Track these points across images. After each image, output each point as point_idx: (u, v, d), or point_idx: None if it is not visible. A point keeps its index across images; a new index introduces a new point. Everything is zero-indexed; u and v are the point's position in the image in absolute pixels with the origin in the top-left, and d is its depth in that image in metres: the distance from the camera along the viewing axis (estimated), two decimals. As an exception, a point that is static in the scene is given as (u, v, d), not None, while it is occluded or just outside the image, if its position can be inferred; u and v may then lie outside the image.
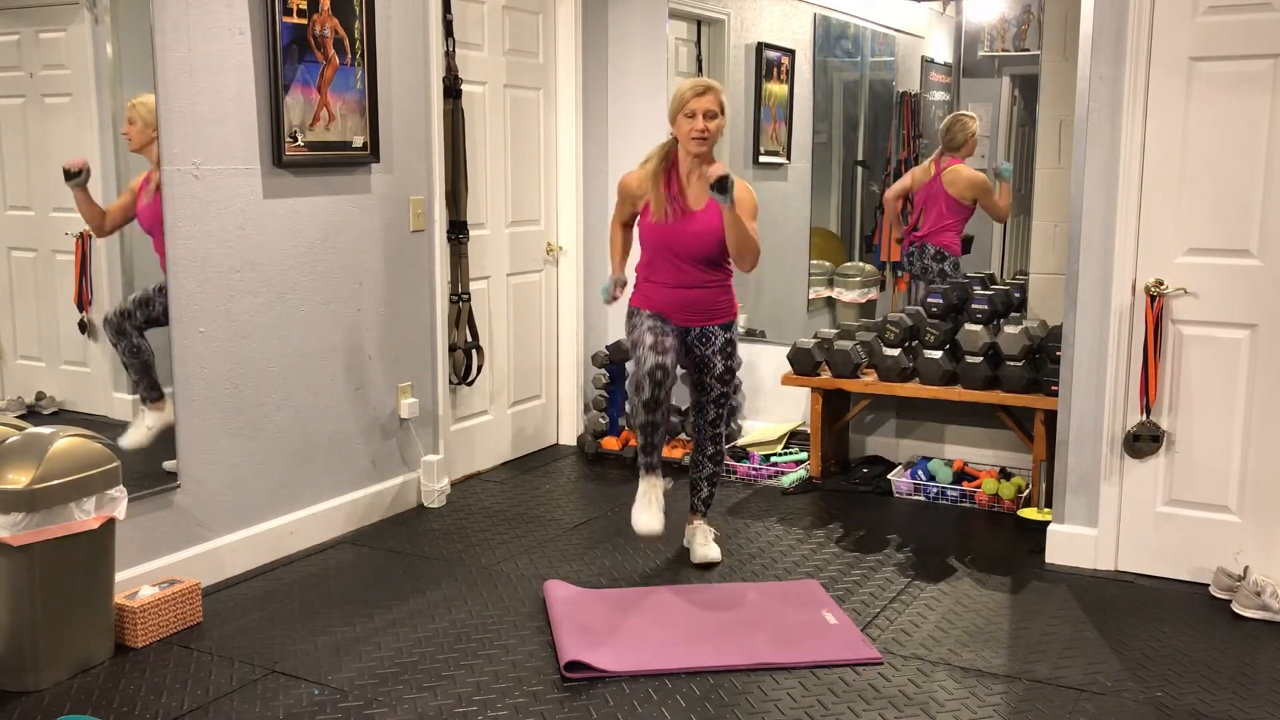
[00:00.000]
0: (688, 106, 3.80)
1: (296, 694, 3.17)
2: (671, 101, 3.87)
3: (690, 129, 3.80)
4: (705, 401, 4.10)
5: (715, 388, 4.06)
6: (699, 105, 3.79)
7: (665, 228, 3.91)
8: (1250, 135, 3.78)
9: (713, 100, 3.80)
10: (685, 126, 3.82)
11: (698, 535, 4.22)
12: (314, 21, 4.08)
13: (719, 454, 4.19)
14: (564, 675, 3.27)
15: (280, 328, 4.13)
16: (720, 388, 4.06)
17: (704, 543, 4.19)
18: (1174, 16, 3.82)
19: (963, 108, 5.76)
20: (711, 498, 4.27)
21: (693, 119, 3.80)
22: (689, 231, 3.88)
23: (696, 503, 4.25)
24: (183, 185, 3.75)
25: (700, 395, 4.10)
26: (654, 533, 3.88)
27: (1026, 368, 4.66)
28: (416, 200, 4.67)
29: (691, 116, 3.80)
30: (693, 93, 3.80)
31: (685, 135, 3.83)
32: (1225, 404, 3.91)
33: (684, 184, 3.91)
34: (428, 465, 4.82)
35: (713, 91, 3.82)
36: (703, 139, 3.80)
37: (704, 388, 4.08)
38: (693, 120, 3.80)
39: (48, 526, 3.14)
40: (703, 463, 4.20)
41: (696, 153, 3.84)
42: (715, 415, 4.12)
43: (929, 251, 5.54)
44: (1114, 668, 3.37)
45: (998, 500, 4.80)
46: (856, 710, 3.10)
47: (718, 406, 4.10)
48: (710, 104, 3.80)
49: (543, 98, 5.54)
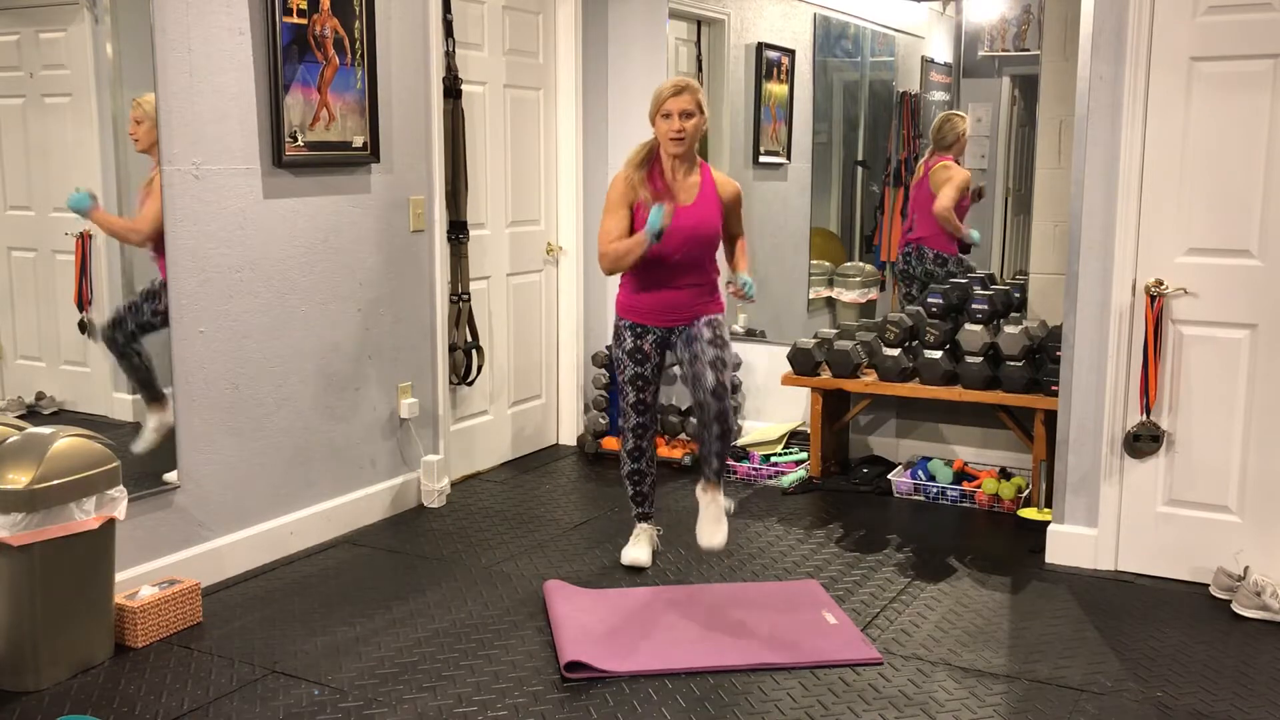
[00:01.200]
0: (664, 106, 3.81)
1: (296, 694, 3.17)
2: (650, 102, 3.88)
3: (667, 129, 3.82)
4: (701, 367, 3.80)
5: (708, 350, 3.80)
6: (675, 105, 3.79)
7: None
8: (1250, 135, 3.78)
9: (689, 100, 3.80)
10: (663, 127, 3.83)
11: (710, 509, 3.90)
12: (314, 21, 4.08)
13: (726, 431, 3.85)
14: (564, 675, 3.27)
15: (280, 328, 4.13)
16: (714, 351, 3.81)
17: (715, 519, 3.88)
18: (1174, 16, 3.82)
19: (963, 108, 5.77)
20: (723, 466, 3.92)
21: (669, 119, 3.81)
22: (679, 228, 3.86)
23: (708, 471, 3.92)
24: (183, 185, 3.75)
25: (694, 365, 3.84)
26: (638, 564, 4.11)
27: (1026, 368, 4.66)
28: (416, 200, 4.67)
29: (668, 117, 3.81)
30: (670, 92, 3.81)
31: (663, 135, 3.85)
32: (1225, 404, 3.91)
33: (669, 182, 3.90)
34: (428, 465, 4.82)
35: (689, 91, 3.82)
36: (680, 139, 3.81)
37: (696, 357, 3.83)
38: (669, 120, 3.81)
39: (48, 526, 3.14)
40: (709, 440, 3.86)
41: (674, 153, 3.85)
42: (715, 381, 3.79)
43: (928, 256, 5.53)
44: (1114, 668, 3.37)
45: (998, 500, 4.80)
46: (856, 710, 3.10)
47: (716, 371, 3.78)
48: (686, 104, 3.80)
49: (543, 98, 5.54)
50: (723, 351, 3.86)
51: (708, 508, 3.94)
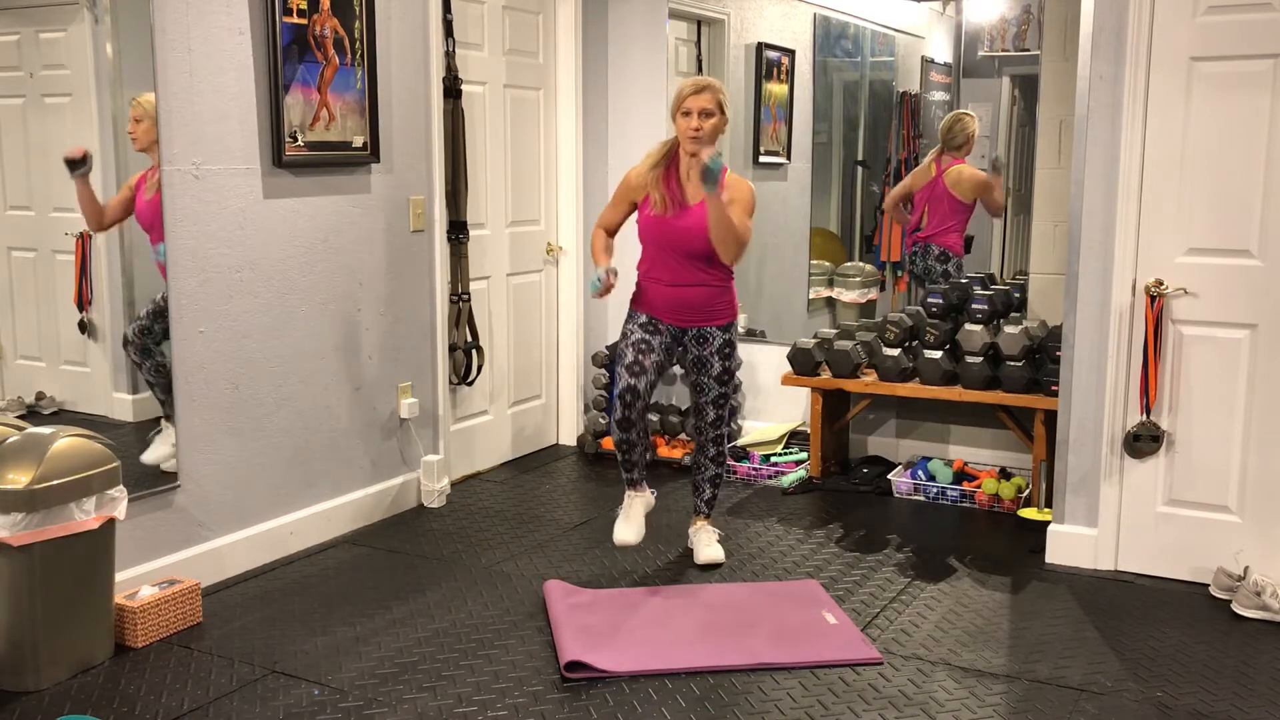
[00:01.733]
0: (684, 104, 3.84)
1: (296, 694, 3.17)
2: (672, 99, 3.92)
3: (686, 126, 3.84)
4: (704, 403, 4.10)
5: (713, 388, 4.06)
6: (695, 104, 3.82)
7: (663, 222, 3.92)
8: (1250, 135, 3.78)
9: (709, 99, 3.83)
10: (682, 124, 3.86)
11: (701, 536, 4.21)
12: (314, 21, 4.08)
13: (720, 455, 4.19)
14: (564, 675, 3.27)
15: (280, 328, 4.13)
16: (718, 388, 4.06)
17: (707, 544, 4.19)
18: (1174, 16, 3.82)
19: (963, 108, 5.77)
20: (714, 499, 4.27)
21: (689, 117, 3.83)
22: (685, 226, 3.89)
23: (699, 504, 4.25)
24: (183, 185, 3.75)
25: (699, 396, 4.10)
26: (626, 543, 4.08)
27: (1026, 368, 4.66)
28: (416, 200, 4.67)
29: (688, 115, 3.83)
30: (690, 90, 3.84)
31: (682, 133, 3.87)
32: (1225, 404, 3.91)
33: (682, 180, 3.93)
34: (428, 465, 4.82)
35: (710, 90, 3.84)
36: (697, 137, 3.82)
37: (702, 388, 4.07)
38: (689, 119, 3.83)
39: (48, 526, 3.14)
40: (704, 464, 4.20)
41: (692, 151, 3.86)
42: (715, 416, 4.11)
43: (933, 252, 5.54)
44: (1114, 668, 3.37)
45: (998, 500, 4.80)
46: (856, 710, 3.10)
47: (717, 407, 4.09)
48: (706, 102, 3.82)
49: (543, 98, 5.54)
50: (727, 388, 4.07)
51: (698, 534, 4.25)
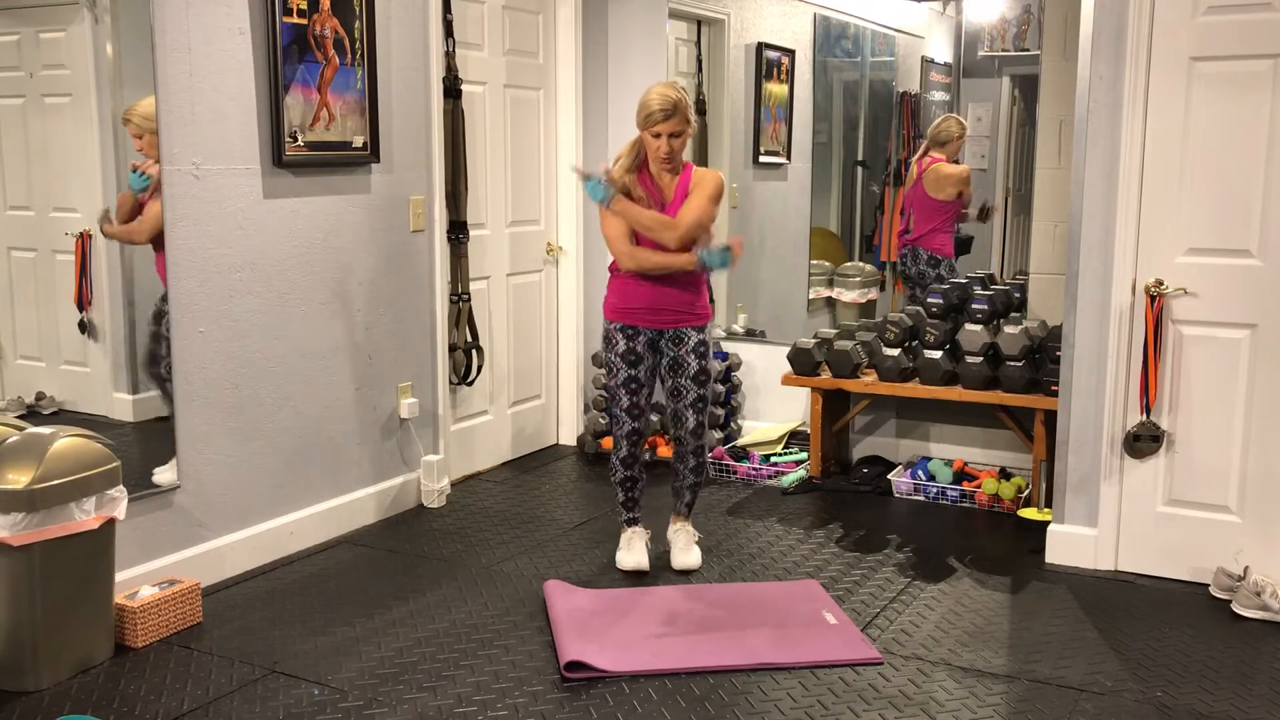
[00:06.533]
0: (654, 129, 3.83)
1: (296, 694, 3.18)
2: (638, 110, 3.87)
3: (656, 148, 3.86)
4: (682, 407, 4.03)
5: (691, 390, 3.99)
6: (665, 129, 3.81)
7: None
8: (1250, 135, 3.78)
9: (678, 123, 3.83)
10: (652, 144, 3.87)
11: (680, 538, 4.17)
12: (314, 21, 4.08)
13: (700, 465, 4.14)
14: (564, 675, 3.27)
15: (280, 328, 4.13)
16: (696, 389, 4.00)
17: (685, 547, 4.15)
18: (1174, 16, 3.82)
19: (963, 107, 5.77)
20: (695, 500, 4.24)
21: (659, 139, 3.84)
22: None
23: (679, 505, 4.22)
24: (183, 185, 3.75)
25: (677, 401, 4.03)
26: (641, 568, 4.09)
27: (1026, 368, 4.66)
28: (416, 200, 4.67)
29: (658, 136, 3.84)
30: (660, 116, 3.80)
31: (652, 153, 3.89)
32: (1225, 404, 3.91)
33: (655, 178, 3.95)
34: (428, 465, 4.82)
35: (678, 114, 3.82)
36: (669, 160, 3.88)
37: (680, 392, 4.01)
38: (659, 140, 3.84)
39: (48, 526, 3.14)
40: (684, 473, 4.15)
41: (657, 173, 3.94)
42: (696, 423, 4.04)
43: (922, 256, 5.55)
44: (1114, 668, 3.37)
45: (998, 500, 4.80)
46: (856, 710, 3.10)
47: (696, 411, 4.02)
48: (675, 127, 3.83)
49: (543, 98, 5.54)
50: (704, 388, 4.04)
51: (677, 536, 4.21)
